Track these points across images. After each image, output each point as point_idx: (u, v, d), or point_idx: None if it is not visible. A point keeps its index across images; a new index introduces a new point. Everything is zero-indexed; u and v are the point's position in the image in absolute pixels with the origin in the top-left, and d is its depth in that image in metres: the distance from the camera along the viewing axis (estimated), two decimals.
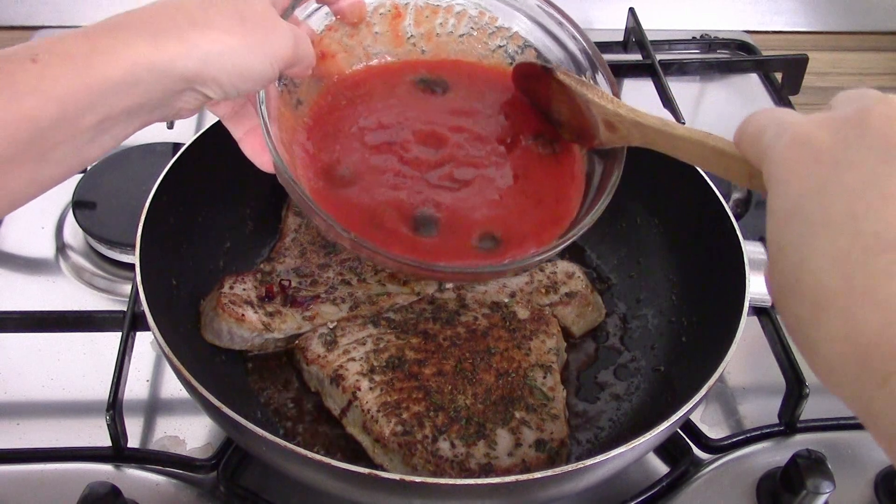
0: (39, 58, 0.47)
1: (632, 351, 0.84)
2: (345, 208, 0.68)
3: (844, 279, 0.36)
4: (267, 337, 0.78)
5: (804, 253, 0.38)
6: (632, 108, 0.64)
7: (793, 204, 0.40)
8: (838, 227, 0.37)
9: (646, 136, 0.61)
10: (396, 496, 0.61)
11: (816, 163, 0.40)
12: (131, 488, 0.68)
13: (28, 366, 0.83)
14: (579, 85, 0.68)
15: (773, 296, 0.42)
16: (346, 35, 0.73)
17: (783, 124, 0.43)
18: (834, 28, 1.44)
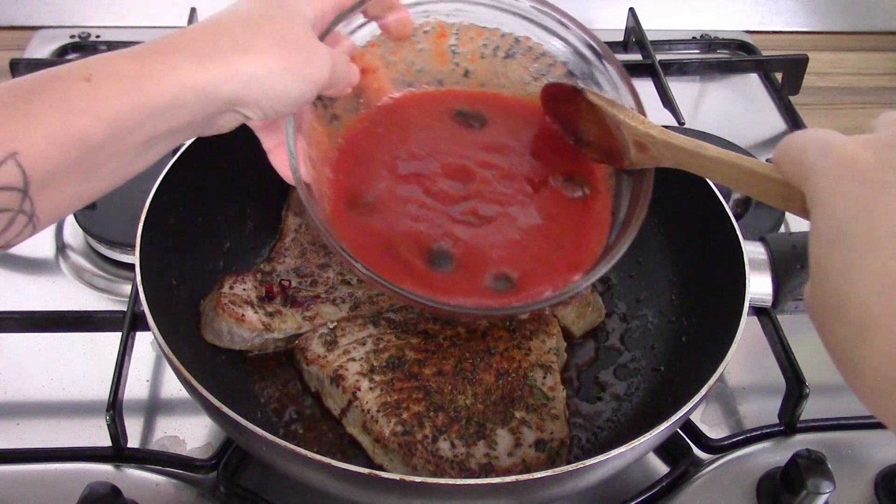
0: (93, 77, 0.48)
1: (632, 351, 0.84)
2: (362, 235, 0.69)
3: (891, 301, 0.36)
4: (267, 337, 0.78)
5: (849, 275, 0.38)
6: (663, 129, 0.63)
7: (837, 226, 0.40)
8: (884, 248, 0.37)
9: (677, 157, 0.61)
10: (396, 496, 0.61)
11: (861, 184, 0.39)
12: (131, 488, 0.68)
13: (28, 366, 0.83)
14: (610, 106, 0.68)
15: (814, 317, 0.41)
16: (388, 51, 0.73)
17: (827, 145, 0.42)
18: (834, 28, 1.44)
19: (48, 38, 1.24)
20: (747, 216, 1.00)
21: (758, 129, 1.22)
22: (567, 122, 0.74)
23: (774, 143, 1.19)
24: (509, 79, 0.78)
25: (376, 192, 0.72)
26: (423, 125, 0.76)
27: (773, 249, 0.81)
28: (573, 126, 0.73)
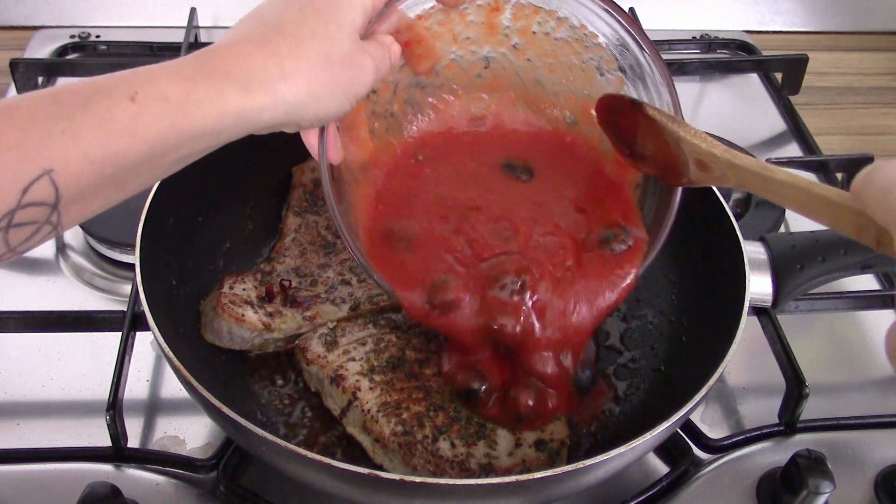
0: (138, 98, 0.48)
1: (632, 351, 0.84)
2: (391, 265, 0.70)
3: None
4: (267, 337, 0.78)
5: None
6: (727, 149, 0.62)
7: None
8: None
9: (741, 178, 0.59)
10: (396, 496, 0.61)
11: None
12: (131, 488, 0.68)
13: (28, 366, 0.83)
14: (670, 122, 0.66)
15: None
16: (437, 23, 0.73)
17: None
18: (834, 28, 1.44)
19: (48, 38, 1.24)
20: (747, 216, 1.00)
21: (758, 129, 1.22)
22: (623, 135, 0.72)
23: (774, 143, 1.19)
24: (558, 59, 0.76)
25: (414, 230, 0.72)
26: (469, 173, 0.76)
27: (773, 249, 0.81)
28: (629, 139, 0.71)
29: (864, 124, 1.27)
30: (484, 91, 0.79)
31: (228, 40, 0.54)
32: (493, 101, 0.80)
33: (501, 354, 0.71)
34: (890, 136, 1.25)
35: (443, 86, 0.78)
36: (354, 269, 0.83)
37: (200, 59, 0.51)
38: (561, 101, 0.79)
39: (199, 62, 0.51)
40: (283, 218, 0.90)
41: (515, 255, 0.71)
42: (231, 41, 0.54)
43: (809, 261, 0.81)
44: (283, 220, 0.90)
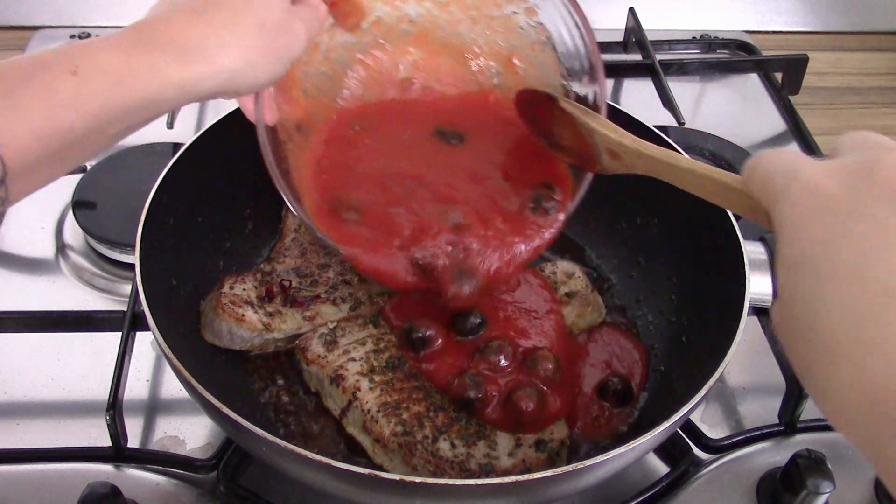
0: (79, 71, 0.48)
1: None
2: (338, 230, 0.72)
3: (855, 329, 0.37)
4: (267, 337, 0.78)
5: (815, 303, 0.39)
6: (635, 139, 0.64)
7: (802, 253, 0.40)
8: (847, 277, 0.38)
9: (649, 166, 0.62)
10: (396, 496, 0.61)
11: (825, 213, 0.40)
12: (131, 488, 0.68)
13: (28, 366, 0.83)
14: (583, 114, 0.69)
15: (781, 336, 0.42)
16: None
17: (794, 172, 0.43)
18: (834, 28, 1.44)
19: (48, 38, 1.24)
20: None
21: (758, 129, 1.22)
22: (541, 126, 0.75)
23: (774, 143, 1.19)
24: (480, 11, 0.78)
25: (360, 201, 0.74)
26: (405, 143, 0.78)
27: (773, 249, 0.81)
28: (547, 130, 0.74)
29: (864, 124, 1.27)
30: (410, 45, 0.80)
31: (164, 11, 0.54)
32: (420, 55, 0.80)
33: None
34: (890, 136, 1.25)
35: (370, 42, 0.79)
36: (355, 269, 0.83)
37: (138, 31, 0.52)
38: (485, 52, 0.80)
39: (136, 34, 0.52)
40: (283, 218, 0.90)
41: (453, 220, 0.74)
42: (167, 12, 0.54)
43: None
44: (282, 220, 0.90)
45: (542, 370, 0.73)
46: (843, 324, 0.37)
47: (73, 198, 0.96)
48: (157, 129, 1.05)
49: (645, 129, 0.86)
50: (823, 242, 0.39)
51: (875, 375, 0.36)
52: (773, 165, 0.45)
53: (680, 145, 0.84)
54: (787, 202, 0.42)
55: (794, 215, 0.42)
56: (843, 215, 0.39)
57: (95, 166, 1.00)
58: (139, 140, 1.04)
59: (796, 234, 0.41)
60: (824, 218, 0.40)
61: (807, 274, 0.40)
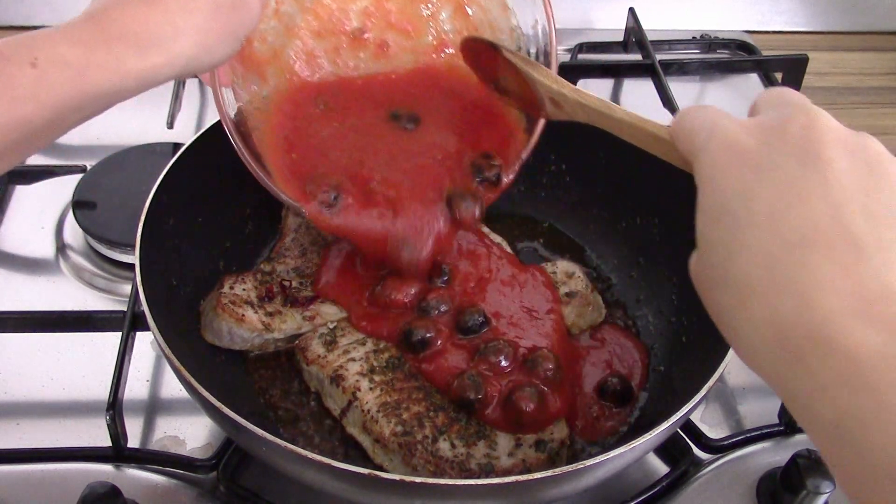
0: (39, 63, 0.49)
1: None
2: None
3: (767, 271, 0.41)
4: (267, 337, 0.78)
5: (731, 248, 0.43)
6: (575, 89, 0.66)
7: (721, 203, 0.44)
8: (761, 225, 0.41)
9: (588, 115, 0.64)
10: (396, 496, 0.61)
11: (742, 167, 0.44)
12: (131, 488, 0.68)
13: (28, 366, 0.83)
14: (525, 64, 0.70)
15: (699, 284, 0.46)
16: None
17: (714, 128, 0.46)
18: (834, 28, 1.44)
19: None
20: None
21: None
22: (488, 74, 0.76)
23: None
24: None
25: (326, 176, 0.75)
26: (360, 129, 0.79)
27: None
28: (494, 77, 0.75)
29: (865, 124, 1.27)
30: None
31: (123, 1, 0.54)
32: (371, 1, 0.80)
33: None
34: (890, 136, 1.25)
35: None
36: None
37: (95, 21, 0.53)
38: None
39: (94, 24, 0.52)
40: (283, 218, 0.90)
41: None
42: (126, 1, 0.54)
43: None
44: (283, 220, 0.90)
45: (543, 370, 0.73)
46: (757, 267, 0.41)
47: (73, 198, 0.96)
48: (157, 129, 1.05)
49: None
50: (740, 193, 0.43)
51: (785, 313, 0.39)
52: (696, 121, 0.49)
53: None
54: (707, 156, 0.46)
55: (713, 168, 0.45)
56: (758, 169, 0.43)
57: (95, 166, 1.00)
58: (139, 140, 1.04)
59: (716, 186, 0.44)
60: (741, 171, 0.43)
61: (725, 223, 0.43)
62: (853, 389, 0.36)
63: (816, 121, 0.44)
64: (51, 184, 0.99)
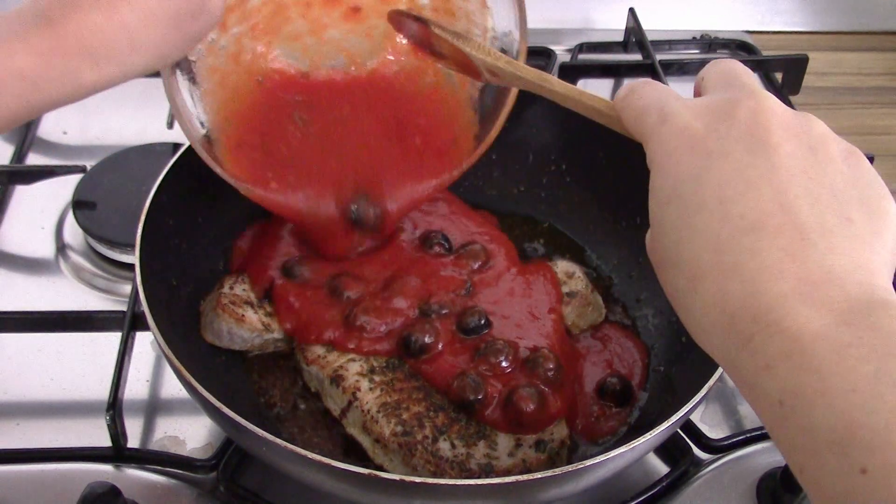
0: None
1: None
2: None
3: (716, 255, 0.42)
4: (267, 337, 0.78)
5: (682, 233, 0.44)
6: (510, 61, 0.66)
7: (671, 188, 0.45)
8: (710, 210, 0.43)
9: (526, 85, 0.64)
10: (396, 496, 0.61)
11: (692, 151, 0.45)
12: (131, 488, 0.68)
13: (28, 366, 0.83)
14: (455, 38, 0.70)
15: (654, 263, 0.47)
16: None
17: (664, 111, 0.47)
18: (834, 28, 1.44)
19: None
20: None
21: None
22: (421, 40, 0.76)
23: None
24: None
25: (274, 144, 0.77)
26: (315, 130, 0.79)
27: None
28: (428, 43, 0.75)
29: (864, 124, 1.27)
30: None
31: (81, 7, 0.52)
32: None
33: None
34: (890, 136, 1.25)
35: None
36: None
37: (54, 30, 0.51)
38: None
39: (52, 33, 0.51)
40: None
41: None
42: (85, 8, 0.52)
43: None
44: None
45: (543, 371, 0.73)
46: (707, 252, 0.42)
47: (73, 198, 0.96)
48: (157, 129, 1.05)
49: None
50: (690, 179, 0.44)
51: (733, 297, 0.41)
52: (643, 100, 0.49)
53: None
54: (658, 141, 0.47)
55: (664, 153, 0.46)
56: (708, 154, 0.44)
57: (95, 166, 1.00)
58: (139, 140, 1.04)
59: (666, 170, 0.45)
60: (691, 156, 0.44)
61: (676, 207, 0.44)
62: (797, 368, 0.38)
63: (763, 105, 0.45)
64: (51, 184, 0.99)
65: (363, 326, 0.75)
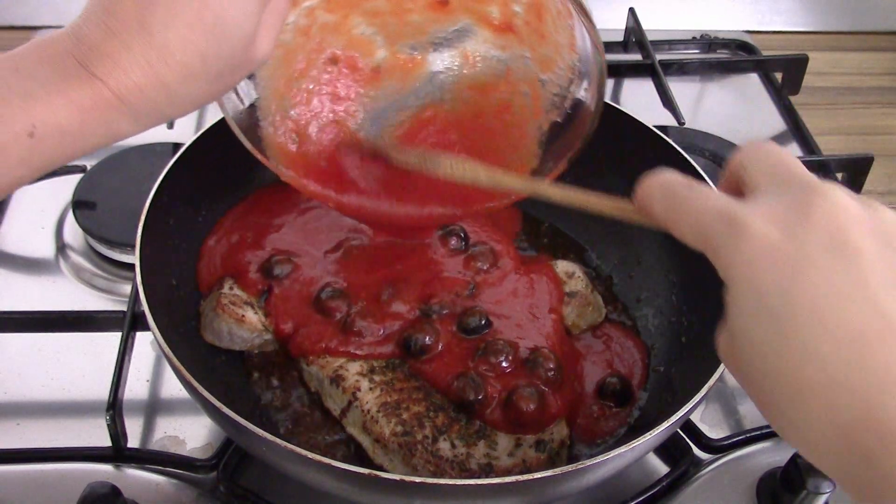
0: (36, 133, 0.48)
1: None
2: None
3: (821, 370, 0.40)
4: (267, 337, 0.78)
5: (776, 346, 0.41)
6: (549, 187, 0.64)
7: (756, 300, 0.42)
8: (807, 323, 0.40)
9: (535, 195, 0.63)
10: (396, 496, 0.61)
11: (774, 262, 0.42)
12: (131, 488, 0.68)
13: (28, 366, 0.83)
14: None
15: (737, 370, 0.45)
16: None
17: (733, 220, 0.44)
18: (834, 28, 1.44)
19: None
20: None
21: (758, 129, 1.22)
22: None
23: (775, 143, 1.19)
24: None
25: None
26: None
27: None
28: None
29: (864, 124, 1.27)
30: None
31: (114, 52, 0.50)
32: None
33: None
34: (890, 136, 1.25)
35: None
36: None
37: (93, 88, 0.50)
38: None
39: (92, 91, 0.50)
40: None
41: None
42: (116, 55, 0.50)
43: None
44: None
45: (543, 371, 0.73)
46: (808, 365, 0.40)
47: (73, 198, 0.96)
48: (157, 129, 1.05)
49: (645, 130, 0.86)
50: (778, 291, 0.42)
51: (845, 411, 0.39)
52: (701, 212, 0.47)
53: (680, 145, 0.84)
54: (733, 253, 0.44)
55: (743, 264, 0.43)
56: (791, 264, 0.42)
57: (95, 166, 1.00)
58: (139, 140, 1.04)
59: (749, 284, 0.43)
60: (774, 267, 0.42)
61: (765, 320, 0.42)
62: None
63: (835, 204, 0.43)
64: (51, 184, 0.99)
65: (361, 332, 0.75)
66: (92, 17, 0.53)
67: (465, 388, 0.71)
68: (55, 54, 0.51)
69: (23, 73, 0.50)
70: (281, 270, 0.80)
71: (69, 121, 0.49)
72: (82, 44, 0.52)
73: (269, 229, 0.84)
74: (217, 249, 0.83)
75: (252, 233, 0.84)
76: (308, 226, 0.85)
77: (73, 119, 0.49)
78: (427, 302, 0.78)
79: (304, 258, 0.82)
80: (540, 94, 0.74)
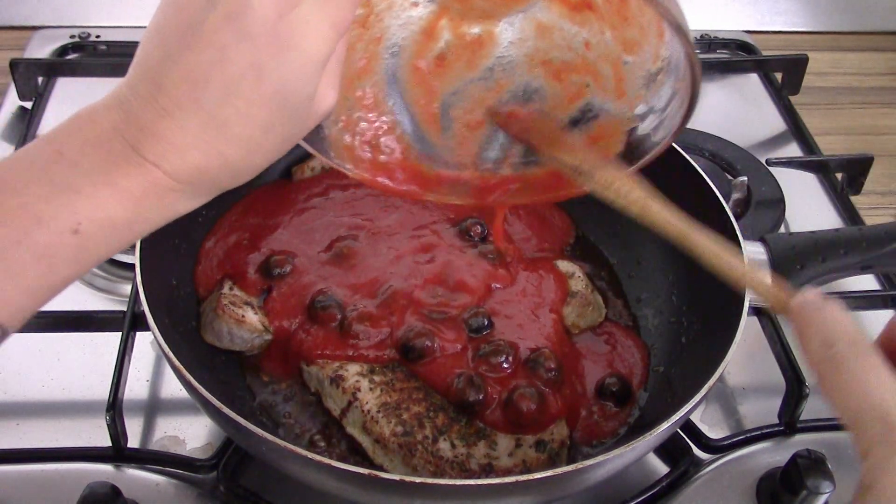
0: (82, 229, 0.45)
1: None
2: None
3: None
4: (267, 338, 0.78)
5: None
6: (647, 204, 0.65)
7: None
8: None
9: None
10: (396, 496, 0.61)
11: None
12: (131, 488, 0.68)
13: (28, 366, 0.83)
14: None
15: None
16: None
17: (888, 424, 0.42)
18: (834, 28, 1.44)
19: (48, 38, 1.24)
20: (747, 216, 1.00)
21: (758, 129, 1.22)
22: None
23: (774, 143, 1.19)
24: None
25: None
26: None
27: (773, 249, 0.81)
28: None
29: (864, 124, 1.27)
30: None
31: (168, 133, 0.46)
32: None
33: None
34: (890, 136, 1.25)
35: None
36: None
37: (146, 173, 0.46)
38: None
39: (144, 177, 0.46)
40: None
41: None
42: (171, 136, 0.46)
43: (809, 261, 0.81)
44: None
45: (543, 371, 0.73)
46: None
47: None
48: None
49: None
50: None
51: None
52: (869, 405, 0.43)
53: (680, 145, 0.84)
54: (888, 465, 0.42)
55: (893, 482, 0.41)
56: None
57: None
58: None
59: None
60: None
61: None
62: None
63: None
64: None
65: (358, 335, 0.75)
66: (140, 90, 0.47)
67: (466, 388, 0.71)
68: (102, 134, 0.46)
69: (66, 159, 0.45)
70: (280, 270, 0.80)
71: (118, 212, 0.46)
72: (131, 124, 0.46)
73: (267, 229, 0.84)
74: (215, 251, 0.83)
75: (250, 233, 0.84)
76: (306, 225, 0.85)
77: (123, 210, 0.46)
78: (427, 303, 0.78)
79: (303, 258, 0.82)
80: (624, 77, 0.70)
